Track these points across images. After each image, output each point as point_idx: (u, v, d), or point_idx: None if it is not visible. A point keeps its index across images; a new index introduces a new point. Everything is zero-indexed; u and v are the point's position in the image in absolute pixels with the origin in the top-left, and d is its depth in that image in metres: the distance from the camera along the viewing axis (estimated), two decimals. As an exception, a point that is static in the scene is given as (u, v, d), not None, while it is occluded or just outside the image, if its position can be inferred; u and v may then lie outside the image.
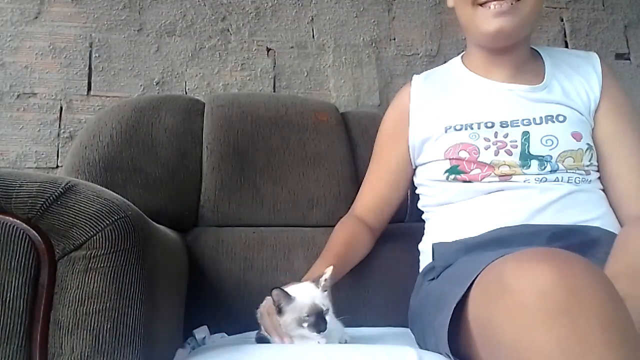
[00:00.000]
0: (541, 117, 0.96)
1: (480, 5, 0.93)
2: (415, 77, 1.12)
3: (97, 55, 1.49)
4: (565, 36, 1.78)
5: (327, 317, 0.80)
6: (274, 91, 1.56)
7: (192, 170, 1.17)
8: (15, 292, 0.61)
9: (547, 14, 1.78)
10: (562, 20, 1.79)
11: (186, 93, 1.51)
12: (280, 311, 0.80)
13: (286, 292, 0.79)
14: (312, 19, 1.63)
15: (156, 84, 1.51)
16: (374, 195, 1.12)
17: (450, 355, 0.71)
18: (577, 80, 1.00)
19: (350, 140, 1.30)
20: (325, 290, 0.83)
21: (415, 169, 1.09)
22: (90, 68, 1.49)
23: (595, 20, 1.80)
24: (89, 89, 1.48)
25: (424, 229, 1.06)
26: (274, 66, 1.58)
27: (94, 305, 0.63)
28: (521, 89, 0.99)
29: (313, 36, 1.62)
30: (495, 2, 0.91)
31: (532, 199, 0.90)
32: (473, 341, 0.70)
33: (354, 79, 1.61)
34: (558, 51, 1.08)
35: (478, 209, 0.94)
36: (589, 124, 0.98)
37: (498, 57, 1.01)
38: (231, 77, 1.56)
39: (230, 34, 1.58)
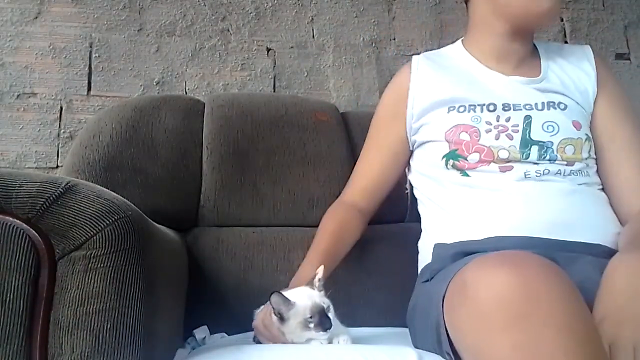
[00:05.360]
0: (543, 103, 0.96)
1: None
2: (415, 57, 1.10)
3: (97, 55, 1.49)
4: (565, 36, 1.78)
5: (330, 315, 0.80)
6: (274, 91, 1.56)
7: (192, 170, 1.17)
8: (15, 292, 0.61)
9: (547, 14, 1.78)
10: (562, 20, 1.79)
11: (186, 93, 1.51)
12: (282, 318, 0.80)
13: (285, 297, 0.79)
14: (312, 19, 1.63)
15: (156, 84, 1.51)
16: (367, 178, 1.10)
17: (451, 353, 0.72)
18: (573, 73, 1.01)
19: (350, 140, 1.29)
20: (322, 290, 0.83)
21: (412, 152, 1.08)
22: (90, 68, 1.49)
23: (595, 20, 1.80)
24: (89, 89, 1.48)
25: (413, 234, 1.05)
26: (274, 66, 1.58)
27: (94, 305, 0.63)
28: (520, 80, 1.00)
29: (313, 36, 1.62)
30: None
31: (533, 204, 0.88)
32: None
33: (354, 79, 1.61)
34: (553, 45, 1.09)
35: (477, 210, 0.92)
36: (587, 115, 0.98)
37: (511, 44, 1.01)
38: (231, 77, 1.55)
39: (230, 34, 1.58)
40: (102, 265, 0.63)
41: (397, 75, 1.11)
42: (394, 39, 1.66)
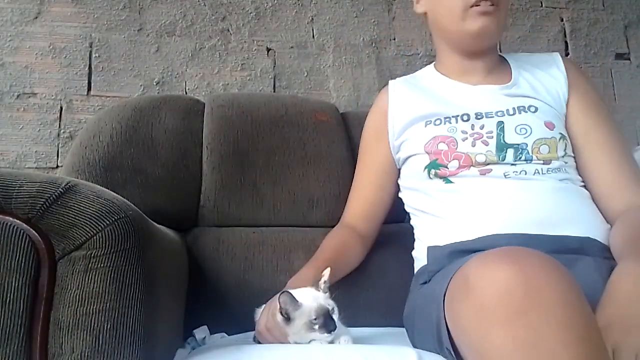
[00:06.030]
0: (514, 108, 0.99)
1: (471, 6, 0.97)
2: (391, 81, 1.16)
3: (97, 55, 1.49)
4: (565, 36, 1.78)
5: (335, 317, 0.80)
6: (274, 91, 1.56)
7: (192, 170, 1.17)
8: (15, 293, 0.61)
9: (547, 14, 1.78)
10: (562, 20, 1.79)
11: (186, 93, 1.51)
12: (287, 318, 0.80)
13: (294, 298, 0.79)
14: (312, 19, 1.63)
15: (156, 84, 1.51)
16: (362, 201, 1.13)
17: (452, 350, 0.72)
18: (543, 77, 1.04)
19: (350, 140, 1.30)
20: (326, 292, 0.83)
21: (400, 171, 1.11)
22: (90, 68, 1.49)
23: (595, 20, 1.80)
24: (89, 89, 1.48)
25: (413, 234, 1.06)
26: (274, 66, 1.58)
27: (94, 305, 0.63)
28: (491, 88, 1.04)
29: (313, 36, 1.62)
30: (483, 2, 0.96)
31: (519, 202, 0.89)
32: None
33: (354, 79, 1.61)
34: (521, 55, 1.13)
35: (466, 213, 0.93)
36: (561, 116, 1.00)
37: (471, 62, 1.06)
38: (231, 77, 1.56)
39: (230, 34, 1.58)
40: (102, 265, 0.63)
41: (376, 100, 1.17)
42: (394, 39, 1.66)
